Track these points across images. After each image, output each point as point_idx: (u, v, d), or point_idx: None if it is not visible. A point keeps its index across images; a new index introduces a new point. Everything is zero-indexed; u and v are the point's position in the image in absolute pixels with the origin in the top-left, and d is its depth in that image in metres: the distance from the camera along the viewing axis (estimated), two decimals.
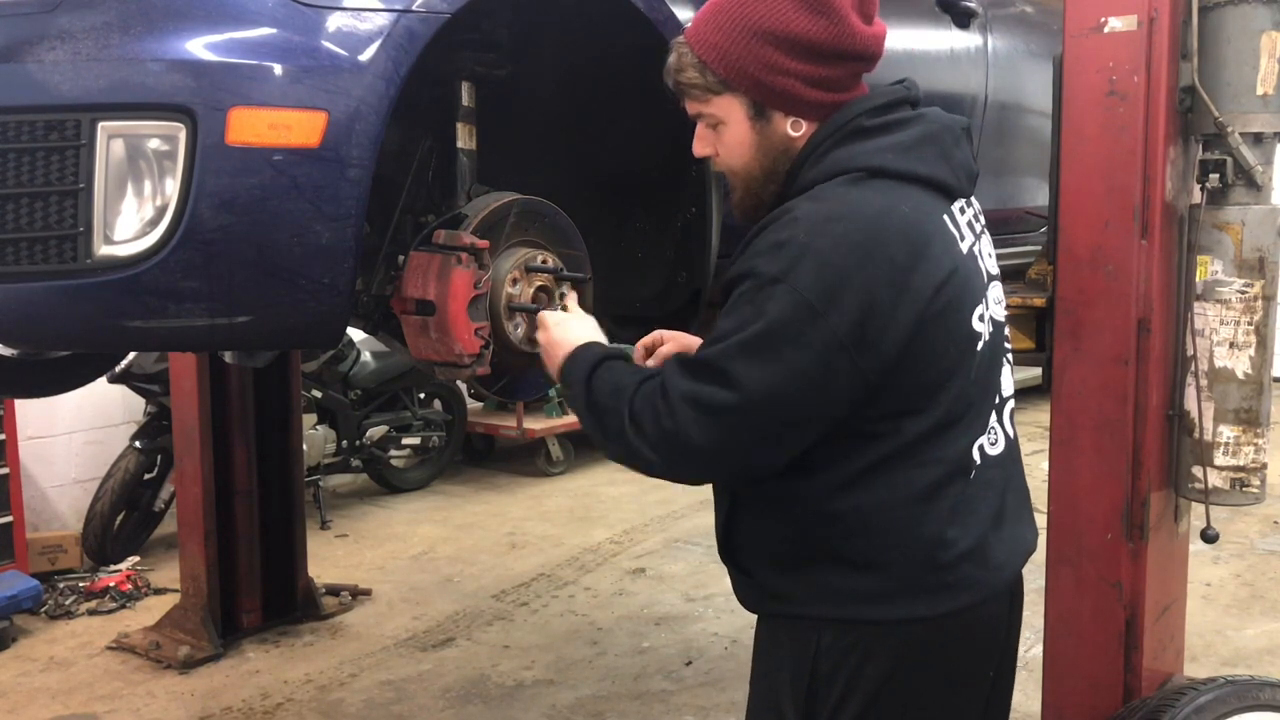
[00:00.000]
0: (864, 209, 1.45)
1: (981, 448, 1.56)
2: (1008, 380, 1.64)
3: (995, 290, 1.62)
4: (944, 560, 1.51)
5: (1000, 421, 1.61)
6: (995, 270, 1.64)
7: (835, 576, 1.53)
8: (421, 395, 6.40)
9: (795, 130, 1.56)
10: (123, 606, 4.62)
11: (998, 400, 1.61)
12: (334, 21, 1.67)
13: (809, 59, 1.51)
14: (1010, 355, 1.67)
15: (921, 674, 1.54)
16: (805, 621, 1.55)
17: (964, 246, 1.55)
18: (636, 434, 1.48)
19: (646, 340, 1.81)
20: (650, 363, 1.78)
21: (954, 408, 1.51)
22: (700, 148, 1.63)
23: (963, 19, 3.11)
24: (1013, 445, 1.65)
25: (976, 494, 1.55)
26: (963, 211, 1.58)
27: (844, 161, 1.51)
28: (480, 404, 6.93)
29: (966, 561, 1.53)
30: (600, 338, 1.70)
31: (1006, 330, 1.66)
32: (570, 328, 1.71)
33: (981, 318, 1.55)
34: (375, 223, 1.98)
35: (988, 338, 1.56)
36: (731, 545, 1.64)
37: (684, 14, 2.08)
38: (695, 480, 1.58)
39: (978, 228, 1.61)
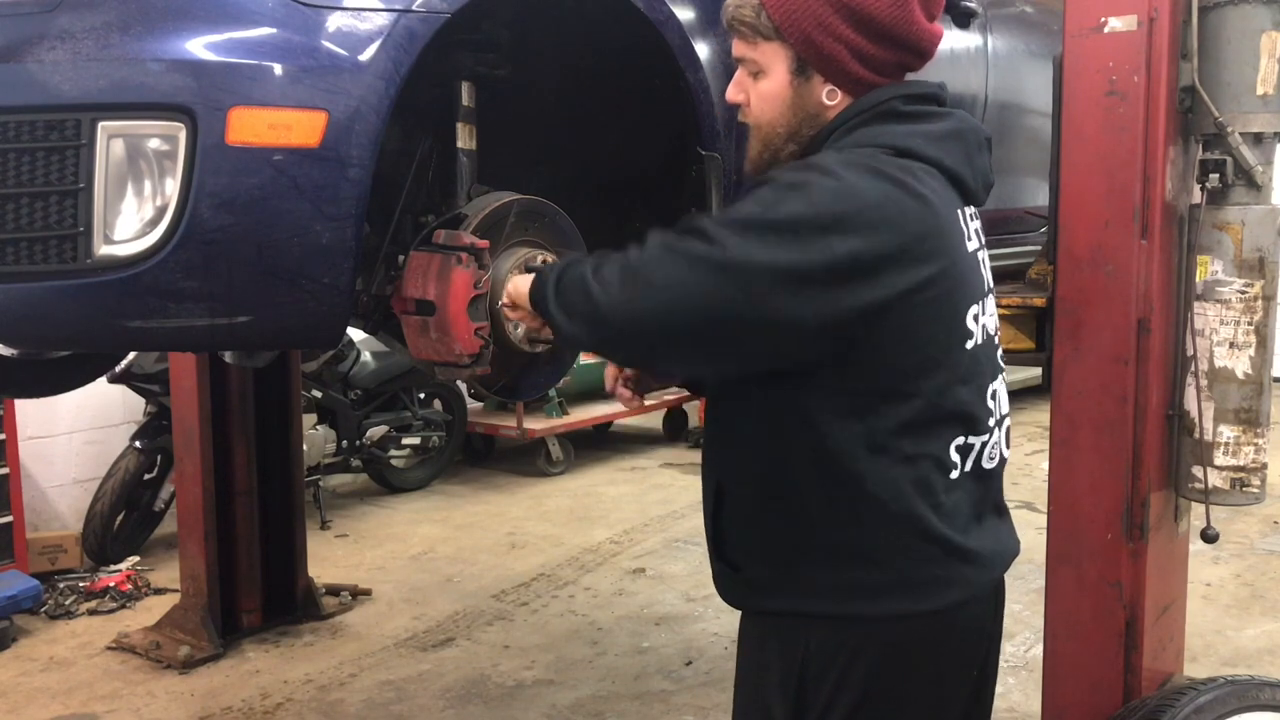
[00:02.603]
0: (892, 173, 1.46)
1: (974, 453, 1.56)
2: (1004, 398, 1.65)
3: (990, 302, 1.63)
4: (930, 556, 1.52)
5: (999, 438, 1.62)
6: (992, 283, 1.65)
7: (825, 571, 1.53)
8: (421, 395, 6.40)
9: (830, 99, 1.57)
10: (123, 606, 4.62)
11: (996, 417, 1.61)
12: (334, 21, 1.67)
13: (864, 32, 1.52)
14: (1004, 375, 1.67)
15: (910, 672, 1.55)
16: (793, 619, 1.56)
17: (969, 246, 1.55)
18: (596, 279, 1.45)
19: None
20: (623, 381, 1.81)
21: (941, 402, 1.51)
22: (734, 93, 1.64)
23: (963, 19, 3.11)
24: (1003, 463, 1.66)
25: (964, 496, 1.56)
26: (973, 218, 1.60)
27: (873, 138, 1.52)
28: (480, 404, 6.94)
29: (955, 558, 1.54)
30: None
31: (1000, 347, 1.66)
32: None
33: (976, 318, 1.56)
34: (375, 223, 1.97)
35: (980, 341, 1.57)
36: (720, 539, 1.64)
37: (684, 14, 2.07)
38: (629, 337, 1.48)
39: (982, 238, 1.63)
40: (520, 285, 1.69)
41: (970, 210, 1.59)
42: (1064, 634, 2.49)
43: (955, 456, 1.55)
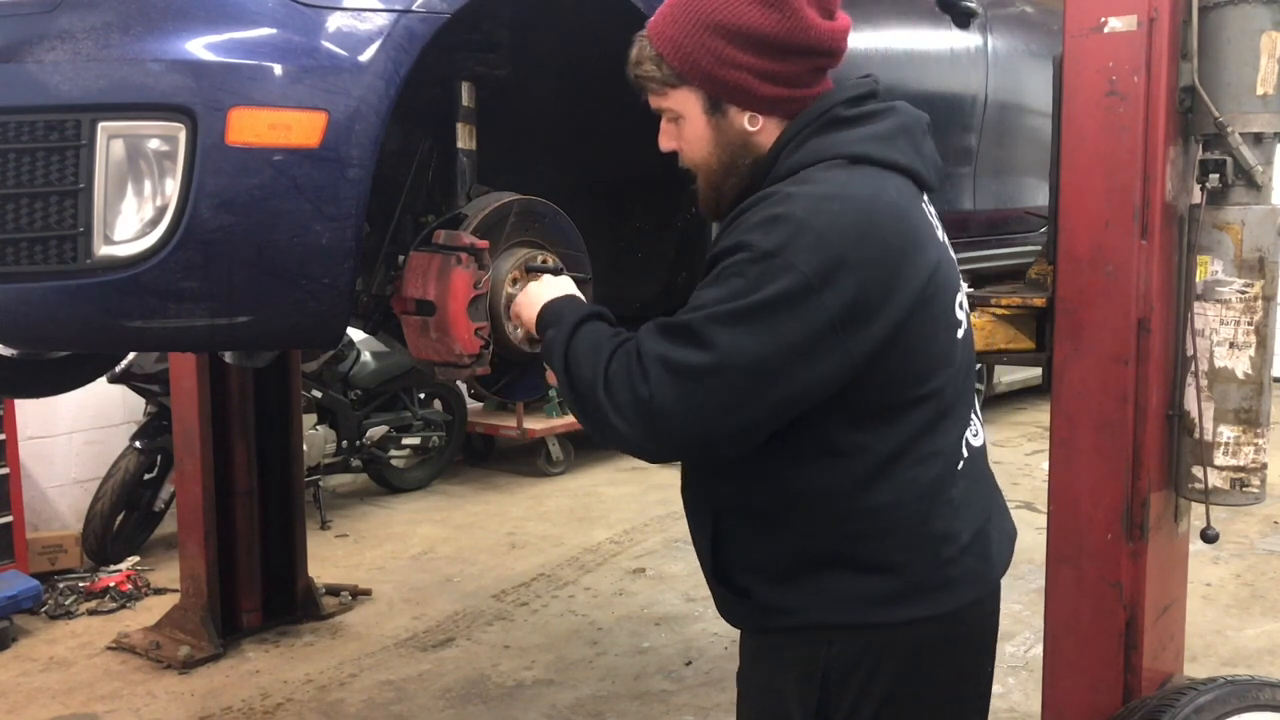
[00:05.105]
0: (857, 191, 1.45)
1: (967, 440, 1.58)
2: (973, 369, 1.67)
3: (963, 285, 1.64)
4: (949, 555, 1.52)
5: (975, 413, 1.63)
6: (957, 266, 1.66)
7: (843, 582, 1.51)
8: (421, 395, 6.41)
9: (753, 125, 1.55)
10: (123, 606, 4.62)
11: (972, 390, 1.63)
12: (334, 21, 1.67)
13: (761, 53, 1.50)
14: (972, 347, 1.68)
15: (932, 673, 1.55)
16: (811, 631, 1.53)
17: (940, 236, 1.56)
18: (611, 404, 1.44)
19: None
20: None
21: (945, 397, 1.52)
22: (665, 142, 1.64)
23: (963, 19, 3.11)
24: (983, 434, 1.68)
25: (970, 486, 1.56)
26: (929, 204, 1.59)
27: (825, 149, 1.51)
28: (480, 404, 6.94)
29: (968, 555, 1.54)
30: (575, 291, 1.70)
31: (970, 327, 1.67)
32: (546, 285, 1.71)
33: (960, 305, 1.57)
34: (375, 223, 1.97)
35: (966, 326, 1.59)
36: (722, 565, 1.61)
37: None
38: (668, 453, 1.50)
39: (940, 224, 1.62)
40: (529, 308, 1.70)
41: (926, 198, 1.59)
42: (1064, 634, 2.49)
43: (964, 449, 1.56)
